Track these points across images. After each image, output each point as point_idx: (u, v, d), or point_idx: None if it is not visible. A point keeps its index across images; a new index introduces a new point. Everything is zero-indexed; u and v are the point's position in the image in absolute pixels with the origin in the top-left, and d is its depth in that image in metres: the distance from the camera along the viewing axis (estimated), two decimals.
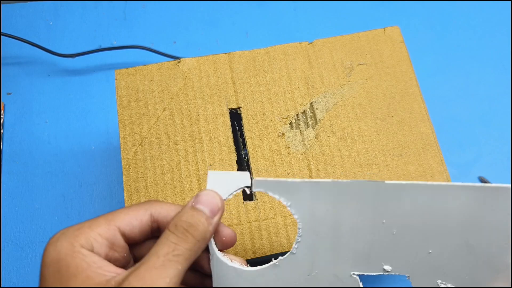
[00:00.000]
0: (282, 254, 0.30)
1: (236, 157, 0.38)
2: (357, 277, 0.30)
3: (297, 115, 0.40)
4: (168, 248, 0.25)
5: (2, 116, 0.52)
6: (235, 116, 0.40)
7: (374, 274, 0.30)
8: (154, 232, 0.29)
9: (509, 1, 0.59)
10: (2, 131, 0.51)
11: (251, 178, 0.29)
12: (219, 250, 0.30)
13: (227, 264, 0.29)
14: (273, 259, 0.30)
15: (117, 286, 0.24)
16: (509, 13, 0.58)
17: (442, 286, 0.29)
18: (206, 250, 0.29)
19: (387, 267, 0.29)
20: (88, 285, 0.24)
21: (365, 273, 0.30)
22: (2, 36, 0.53)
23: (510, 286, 0.29)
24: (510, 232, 0.28)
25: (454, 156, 0.51)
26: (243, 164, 0.39)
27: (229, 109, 0.40)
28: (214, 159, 0.38)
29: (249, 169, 0.38)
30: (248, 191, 0.30)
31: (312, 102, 0.40)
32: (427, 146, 0.39)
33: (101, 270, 0.25)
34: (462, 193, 0.29)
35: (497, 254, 0.29)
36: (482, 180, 0.50)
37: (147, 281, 0.24)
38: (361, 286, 0.30)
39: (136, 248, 0.30)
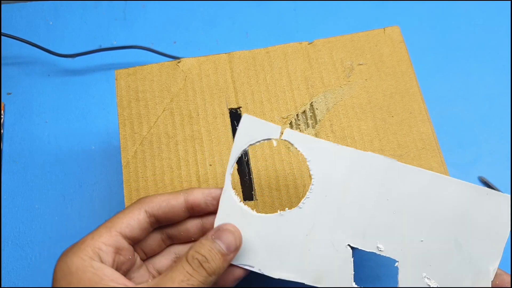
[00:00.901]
0: None
1: None
2: (350, 250, 0.30)
3: (297, 115, 0.40)
4: (184, 277, 0.26)
5: (2, 116, 0.52)
6: (235, 116, 0.40)
7: (368, 250, 0.30)
8: (154, 225, 0.31)
9: (509, 1, 0.59)
10: (2, 131, 0.51)
11: (281, 132, 0.31)
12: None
13: (236, 202, 0.30)
14: (279, 210, 0.31)
15: None
16: (509, 13, 0.58)
17: (426, 281, 0.30)
18: None
19: (381, 246, 0.30)
20: None
21: (360, 248, 0.31)
22: (2, 36, 0.53)
23: None
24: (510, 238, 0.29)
25: (454, 156, 0.51)
26: (243, 164, 0.39)
27: (229, 109, 0.40)
28: (214, 159, 0.38)
29: (249, 169, 0.38)
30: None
31: (312, 102, 0.40)
32: (427, 146, 0.39)
33: (113, 282, 0.26)
34: (461, 189, 0.30)
35: (481, 258, 0.30)
36: (482, 180, 0.50)
37: None
38: (352, 259, 0.30)
39: (141, 244, 0.31)
